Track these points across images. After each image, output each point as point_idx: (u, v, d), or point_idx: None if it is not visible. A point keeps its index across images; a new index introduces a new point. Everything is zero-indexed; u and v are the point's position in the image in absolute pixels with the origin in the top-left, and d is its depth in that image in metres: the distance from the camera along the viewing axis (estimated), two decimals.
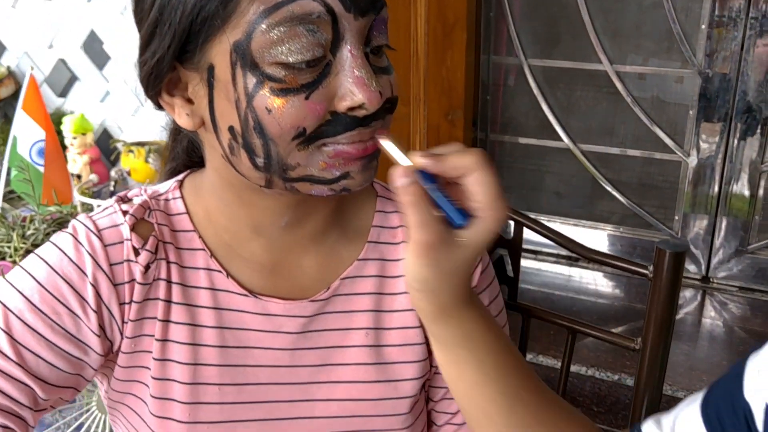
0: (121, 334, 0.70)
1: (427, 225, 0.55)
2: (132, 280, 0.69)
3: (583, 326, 0.88)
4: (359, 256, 0.75)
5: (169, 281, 0.70)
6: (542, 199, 2.36)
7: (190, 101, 0.65)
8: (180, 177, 0.76)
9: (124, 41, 2.34)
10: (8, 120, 2.57)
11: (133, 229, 0.69)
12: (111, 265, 0.68)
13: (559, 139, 2.24)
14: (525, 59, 2.19)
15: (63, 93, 2.54)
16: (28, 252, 1.40)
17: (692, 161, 2.08)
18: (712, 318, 2.00)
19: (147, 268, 0.69)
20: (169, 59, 0.62)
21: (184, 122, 0.66)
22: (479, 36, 2.16)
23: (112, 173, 2.34)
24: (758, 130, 1.97)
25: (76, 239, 0.68)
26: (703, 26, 1.94)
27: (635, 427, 0.65)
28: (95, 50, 2.41)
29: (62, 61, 2.48)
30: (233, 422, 0.72)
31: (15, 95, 2.59)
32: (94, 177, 1.95)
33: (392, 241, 0.76)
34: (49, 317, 0.66)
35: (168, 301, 0.70)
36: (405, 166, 0.57)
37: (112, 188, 2.29)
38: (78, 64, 2.46)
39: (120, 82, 2.42)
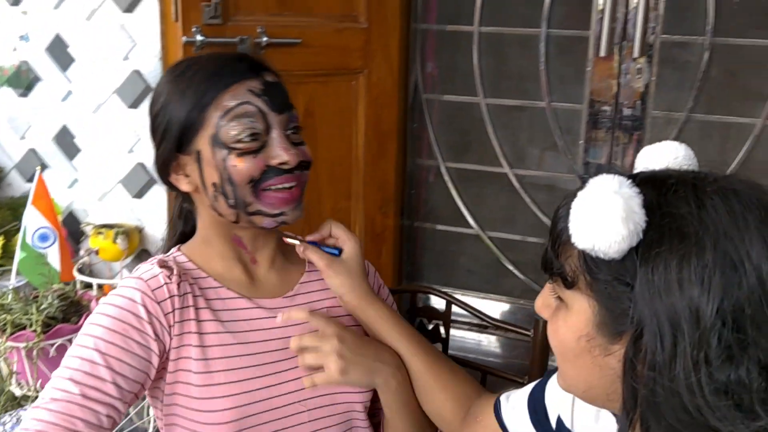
0: (170, 335, 1.03)
1: (322, 258, 1.10)
2: (171, 296, 1.03)
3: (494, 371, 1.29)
4: (303, 271, 1.18)
5: (194, 294, 1.07)
6: (457, 276, 2.77)
7: (187, 175, 1.06)
8: (175, 248, 1.15)
9: (94, 138, 2.65)
10: None
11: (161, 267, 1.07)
12: (153, 290, 1.03)
13: (470, 226, 2.67)
14: (442, 162, 2.65)
15: (31, 179, 2.79)
16: (44, 323, 1.69)
17: None
18: None
19: (179, 285, 1.04)
20: (174, 152, 1.05)
21: (185, 187, 1.07)
22: (406, 143, 2.61)
23: (82, 252, 2.60)
24: None
25: (128, 287, 1.04)
26: (581, 141, 2.44)
27: (498, 397, 1.06)
28: (66, 143, 2.69)
29: (32, 150, 2.75)
30: (241, 382, 1.05)
31: None
32: (85, 258, 2.25)
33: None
34: (121, 334, 1.00)
35: (196, 307, 1.06)
36: (302, 244, 1.11)
37: (80, 265, 2.54)
38: (48, 154, 2.73)
39: (87, 169, 2.70)
